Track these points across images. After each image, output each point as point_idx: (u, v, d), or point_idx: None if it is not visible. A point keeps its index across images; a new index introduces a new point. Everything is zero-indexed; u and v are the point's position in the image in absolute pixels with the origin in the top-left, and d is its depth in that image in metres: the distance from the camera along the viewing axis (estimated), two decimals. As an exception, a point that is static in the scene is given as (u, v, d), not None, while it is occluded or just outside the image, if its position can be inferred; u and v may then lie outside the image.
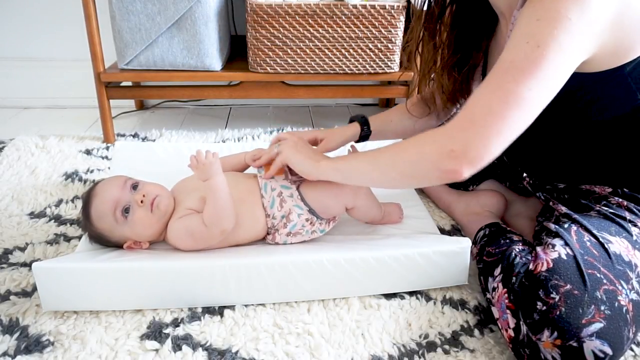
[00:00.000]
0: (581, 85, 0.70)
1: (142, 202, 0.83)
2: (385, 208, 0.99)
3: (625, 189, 0.80)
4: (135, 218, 0.83)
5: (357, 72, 1.44)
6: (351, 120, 1.05)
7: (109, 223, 0.83)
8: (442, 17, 0.89)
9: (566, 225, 0.77)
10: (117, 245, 0.87)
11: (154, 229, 0.86)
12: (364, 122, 1.02)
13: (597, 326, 0.62)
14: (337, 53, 1.41)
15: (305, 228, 0.88)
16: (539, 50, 0.62)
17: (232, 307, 0.80)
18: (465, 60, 0.92)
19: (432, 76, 0.98)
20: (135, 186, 0.86)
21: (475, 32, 0.90)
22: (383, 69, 1.44)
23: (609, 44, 0.66)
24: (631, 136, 0.76)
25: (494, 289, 0.75)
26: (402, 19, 1.38)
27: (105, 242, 0.87)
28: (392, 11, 1.36)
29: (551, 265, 0.69)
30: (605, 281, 0.66)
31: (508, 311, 0.70)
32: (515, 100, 0.62)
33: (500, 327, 0.72)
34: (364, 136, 1.03)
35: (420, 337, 0.76)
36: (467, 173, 0.65)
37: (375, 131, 1.03)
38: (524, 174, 0.97)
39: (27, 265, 0.90)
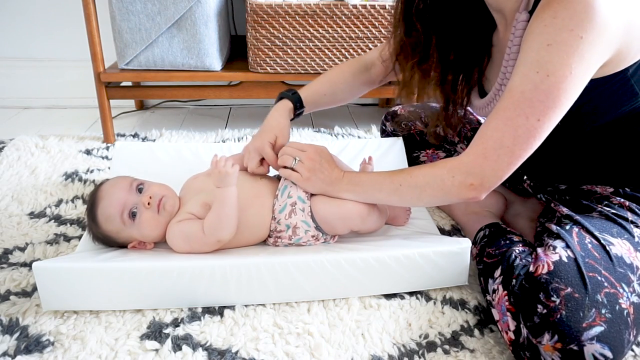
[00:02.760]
0: (587, 91, 0.69)
1: (148, 204, 0.83)
2: (391, 212, 0.98)
3: (627, 189, 0.79)
4: (142, 220, 0.83)
5: (357, 72, 1.44)
6: (280, 97, 1.02)
7: (116, 225, 0.83)
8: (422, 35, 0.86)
9: (567, 227, 0.76)
10: (123, 246, 0.87)
11: (161, 230, 0.86)
12: (296, 99, 1.01)
13: (597, 330, 0.62)
14: (337, 53, 1.41)
15: (310, 242, 0.89)
16: (549, 81, 0.63)
17: (232, 307, 0.80)
18: (466, 75, 0.90)
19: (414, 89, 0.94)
20: (141, 187, 0.86)
21: (473, 51, 0.87)
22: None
23: (621, 50, 0.66)
24: (632, 136, 0.76)
25: (494, 291, 0.75)
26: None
27: (111, 243, 0.87)
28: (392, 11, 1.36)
29: (552, 267, 0.69)
30: (606, 284, 0.66)
31: (508, 314, 0.70)
32: (525, 133, 0.66)
33: (501, 329, 0.72)
34: (298, 114, 1.03)
35: (420, 337, 0.76)
36: (483, 197, 0.74)
37: (308, 105, 1.03)
38: (524, 177, 0.97)
39: (27, 265, 0.90)
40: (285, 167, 0.88)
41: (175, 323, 0.77)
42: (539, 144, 0.68)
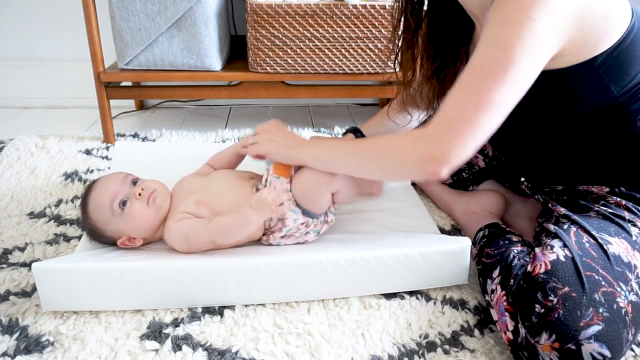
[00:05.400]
0: (556, 82, 0.71)
1: (140, 195, 0.84)
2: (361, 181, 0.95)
3: (622, 188, 0.79)
4: (131, 210, 0.84)
5: (357, 72, 1.44)
6: (345, 133, 1.07)
7: (104, 214, 0.84)
8: (419, 28, 0.91)
9: (565, 226, 0.76)
10: (112, 242, 0.87)
11: (149, 224, 0.86)
12: (358, 133, 1.05)
13: (595, 329, 0.62)
14: (337, 53, 1.41)
15: (300, 230, 0.88)
16: (507, 54, 0.64)
17: (232, 307, 0.80)
18: (444, 68, 0.93)
19: (413, 85, 0.99)
20: (135, 181, 0.88)
21: (452, 40, 0.90)
22: (383, 69, 1.44)
23: (577, 38, 0.67)
24: (616, 131, 0.76)
25: (492, 291, 0.75)
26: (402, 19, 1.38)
27: (99, 236, 0.87)
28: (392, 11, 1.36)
29: (549, 267, 0.69)
30: (603, 283, 0.66)
31: (506, 314, 0.70)
32: (487, 104, 0.65)
33: (499, 330, 0.72)
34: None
35: (420, 337, 0.76)
36: (445, 173, 0.69)
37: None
38: (522, 178, 0.97)
39: (27, 265, 0.90)
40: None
41: (175, 323, 0.77)
42: (501, 121, 0.67)
